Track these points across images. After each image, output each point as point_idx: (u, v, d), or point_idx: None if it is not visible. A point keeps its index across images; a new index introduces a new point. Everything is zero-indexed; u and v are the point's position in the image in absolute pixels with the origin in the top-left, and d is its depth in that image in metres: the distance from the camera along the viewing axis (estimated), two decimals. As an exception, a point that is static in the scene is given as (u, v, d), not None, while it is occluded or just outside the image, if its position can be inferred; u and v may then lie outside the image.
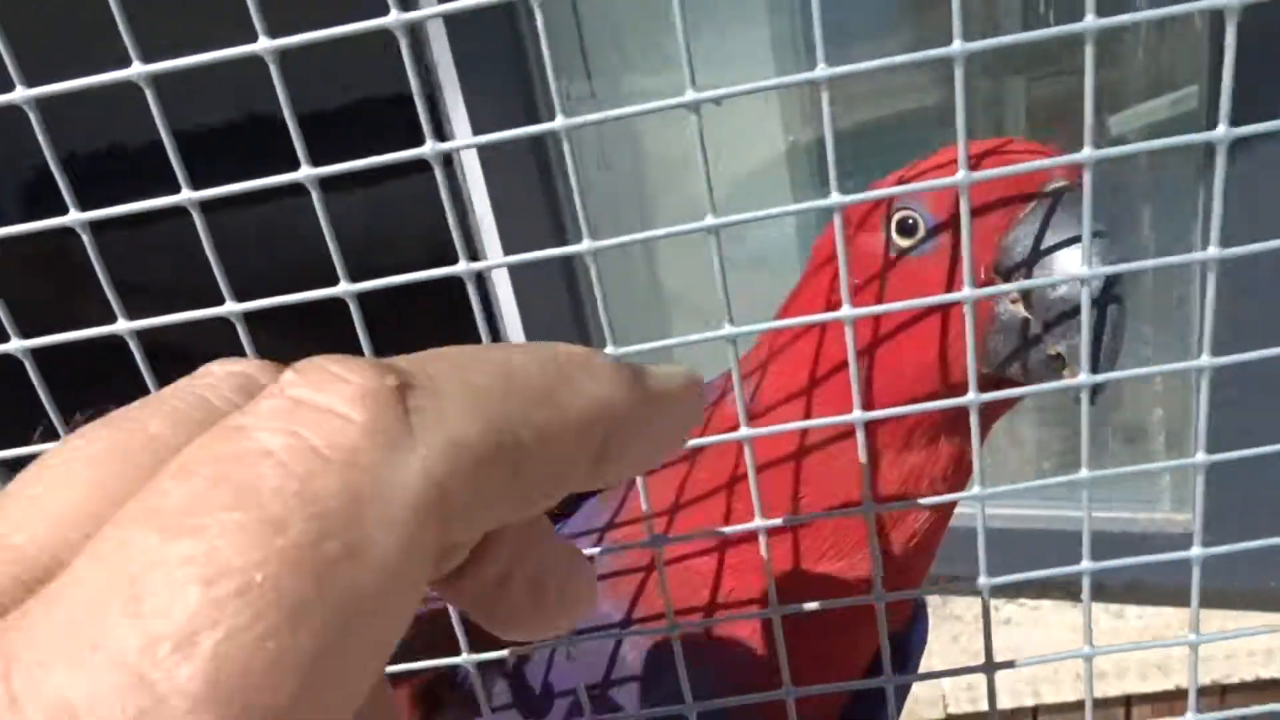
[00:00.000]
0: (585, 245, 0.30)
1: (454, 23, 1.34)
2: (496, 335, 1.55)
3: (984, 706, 1.46)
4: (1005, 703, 1.44)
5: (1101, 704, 1.42)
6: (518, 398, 0.21)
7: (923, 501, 0.39)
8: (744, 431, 0.33)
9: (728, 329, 0.31)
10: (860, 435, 0.34)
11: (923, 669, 0.44)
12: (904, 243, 0.39)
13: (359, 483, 0.18)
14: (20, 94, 0.25)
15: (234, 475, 0.17)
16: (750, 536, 0.38)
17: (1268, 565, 1.37)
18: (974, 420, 0.33)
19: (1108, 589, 1.52)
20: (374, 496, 0.18)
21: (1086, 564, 0.34)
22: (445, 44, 1.38)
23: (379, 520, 0.18)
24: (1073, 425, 1.59)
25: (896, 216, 0.39)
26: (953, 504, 0.41)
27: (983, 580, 0.35)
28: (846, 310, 0.31)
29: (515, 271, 1.49)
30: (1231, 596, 1.42)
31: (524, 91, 1.38)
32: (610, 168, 1.51)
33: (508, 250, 1.48)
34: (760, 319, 0.37)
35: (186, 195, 0.27)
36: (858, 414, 0.33)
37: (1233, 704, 1.44)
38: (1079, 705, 1.44)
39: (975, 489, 0.34)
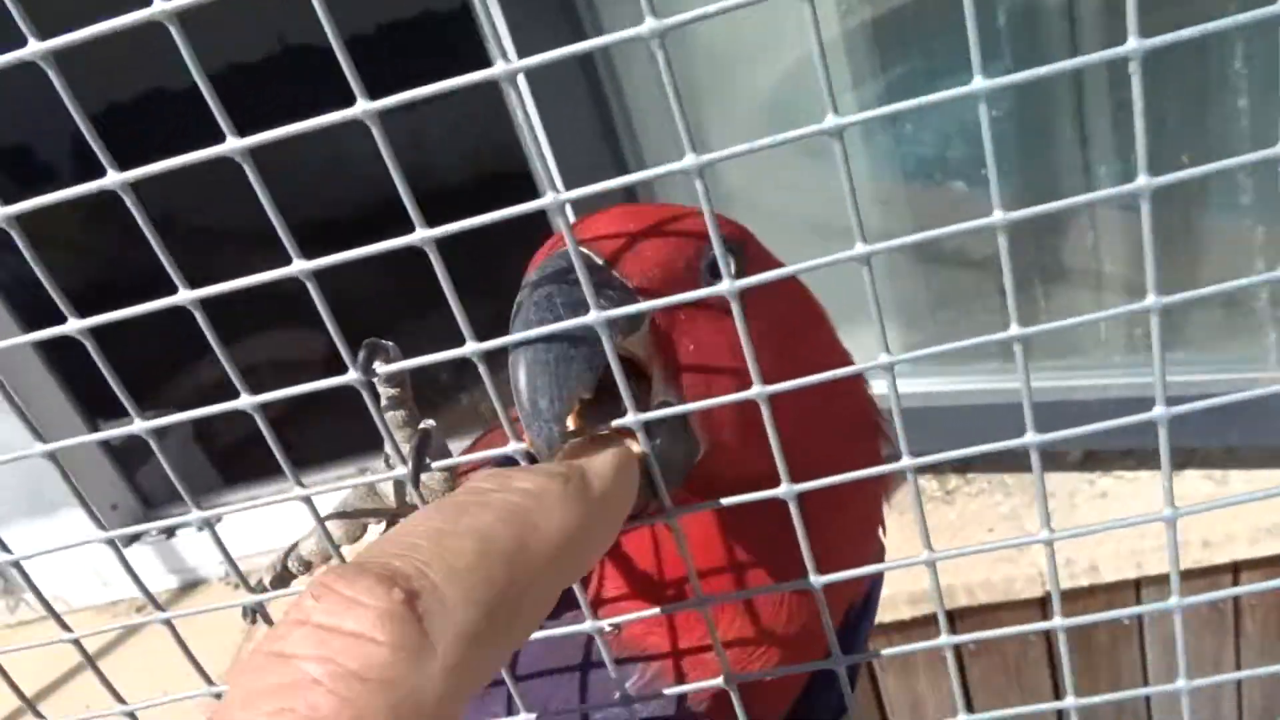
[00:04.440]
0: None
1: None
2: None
3: (1083, 582, 1.44)
4: (1108, 576, 1.42)
5: (1209, 572, 1.40)
6: (499, 567, 0.26)
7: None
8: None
9: (860, 248, 0.28)
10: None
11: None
12: None
13: (397, 697, 0.23)
14: (34, 48, 0.24)
15: (294, 705, 0.22)
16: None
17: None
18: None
19: (1209, 455, 1.48)
20: (410, 703, 0.23)
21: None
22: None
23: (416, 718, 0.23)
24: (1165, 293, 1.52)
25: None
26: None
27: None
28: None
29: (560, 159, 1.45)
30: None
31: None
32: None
33: (560, 161, 1.44)
34: (815, 213, 0.34)
35: (231, 145, 0.25)
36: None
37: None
38: (1184, 575, 1.41)
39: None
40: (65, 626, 0.37)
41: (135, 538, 1.84)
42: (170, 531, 1.87)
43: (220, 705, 0.24)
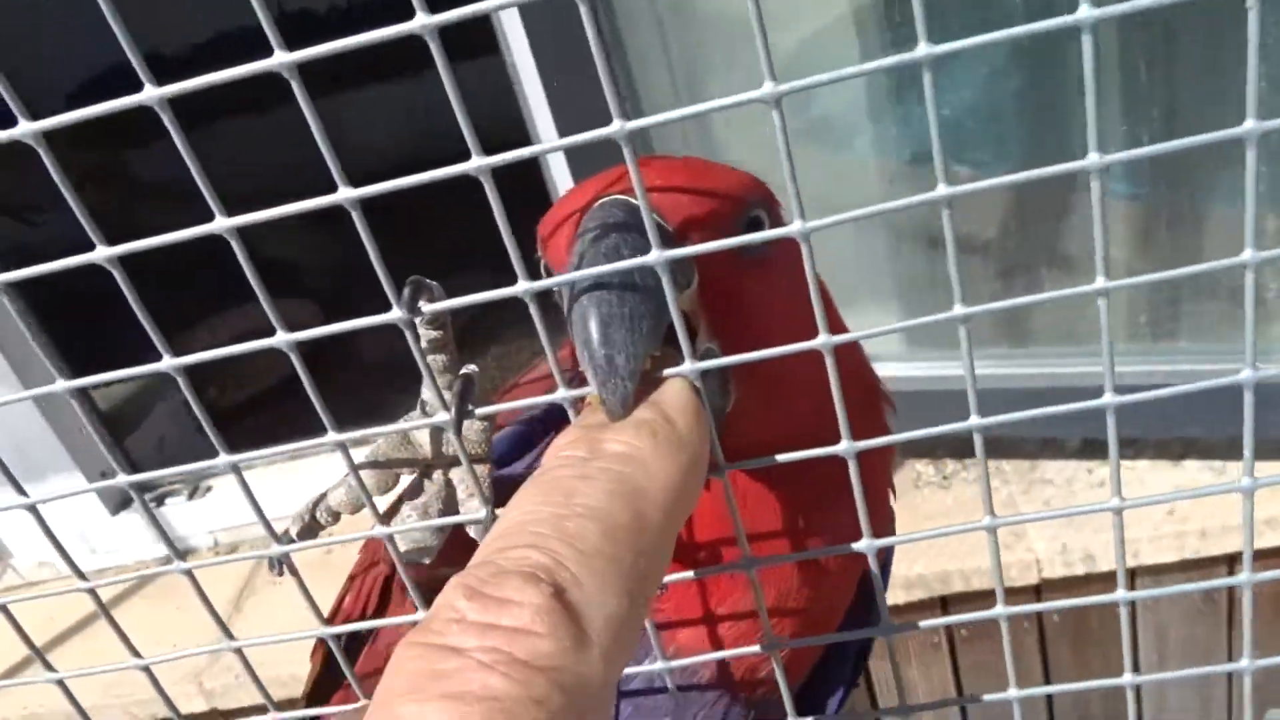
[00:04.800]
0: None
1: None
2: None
3: (1079, 570, 1.44)
4: (1104, 565, 1.42)
5: (1205, 563, 1.39)
6: (624, 546, 0.26)
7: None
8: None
9: (942, 189, 0.27)
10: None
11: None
12: None
13: (566, 682, 0.24)
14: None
15: (468, 687, 0.23)
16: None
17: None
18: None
19: (1211, 446, 1.47)
20: (579, 688, 0.24)
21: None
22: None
23: (586, 703, 0.24)
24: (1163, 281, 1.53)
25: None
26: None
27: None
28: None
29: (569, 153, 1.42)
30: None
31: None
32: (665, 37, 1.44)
33: (556, 110, 1.41)
34: (824, 196, 0.33)
35: (279, 59, 0.24)
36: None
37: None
38: (1178, 566, 1.41)
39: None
40: (81, 575, 0.36)
41: (127, 503, 1.82)
42: (160, 500, 1.86)
43: (380, 695, 0.24)
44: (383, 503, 0.37)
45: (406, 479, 0.37)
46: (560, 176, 1.49)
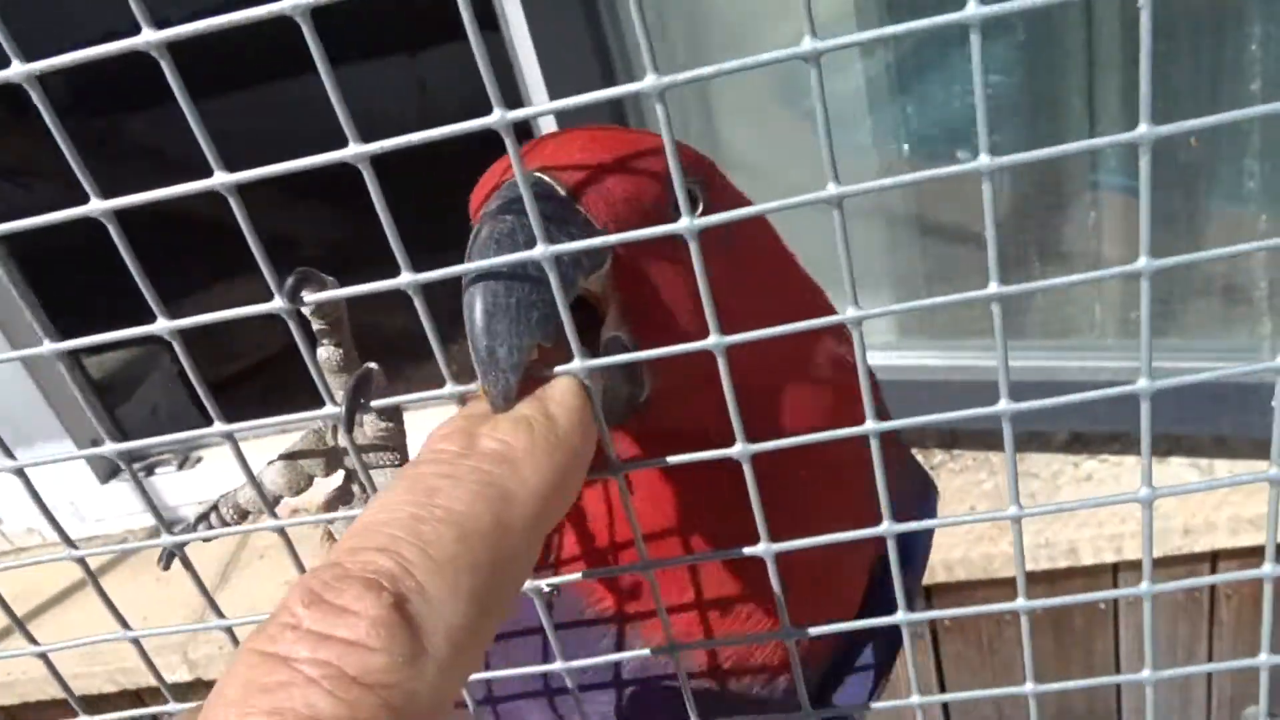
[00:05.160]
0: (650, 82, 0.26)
1: None
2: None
3: (1062, 563, 1.44)
4: (1087, 559, 1.41)
5: (1187, 560, 1.39)
6: (481, 551, 0.25)
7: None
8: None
9: (832, 189, 0.27)
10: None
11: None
12: None
13: (395, 699, 0.23)
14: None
15: (291, 705, 0.22)
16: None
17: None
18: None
19: (1194, 443, 1.46)
20: (408, 703, 0.23)
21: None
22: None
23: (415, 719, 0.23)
24: (1156, 278, 1.52)
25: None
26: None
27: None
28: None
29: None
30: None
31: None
32: (665, 38, 1.42)
33: (550, 82, 1.39)
34: (818, 184, 0.31)
35: (148, 36, 0.23)
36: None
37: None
38: (1160, 563, 1.41)
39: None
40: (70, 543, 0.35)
41: (117, 471, 1.83)
42: (150, 470, 1.86)
43: (210, 702, 0.24)
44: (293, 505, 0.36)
45: (323, 481, 0.37)
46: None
